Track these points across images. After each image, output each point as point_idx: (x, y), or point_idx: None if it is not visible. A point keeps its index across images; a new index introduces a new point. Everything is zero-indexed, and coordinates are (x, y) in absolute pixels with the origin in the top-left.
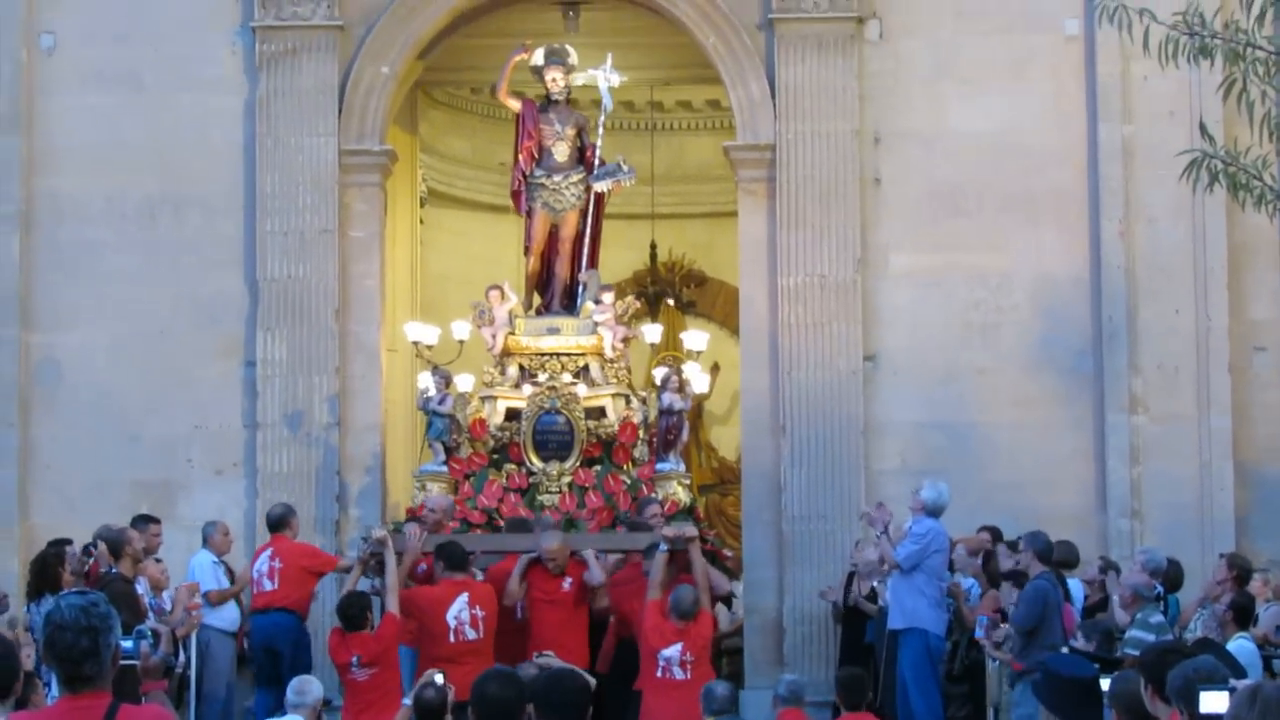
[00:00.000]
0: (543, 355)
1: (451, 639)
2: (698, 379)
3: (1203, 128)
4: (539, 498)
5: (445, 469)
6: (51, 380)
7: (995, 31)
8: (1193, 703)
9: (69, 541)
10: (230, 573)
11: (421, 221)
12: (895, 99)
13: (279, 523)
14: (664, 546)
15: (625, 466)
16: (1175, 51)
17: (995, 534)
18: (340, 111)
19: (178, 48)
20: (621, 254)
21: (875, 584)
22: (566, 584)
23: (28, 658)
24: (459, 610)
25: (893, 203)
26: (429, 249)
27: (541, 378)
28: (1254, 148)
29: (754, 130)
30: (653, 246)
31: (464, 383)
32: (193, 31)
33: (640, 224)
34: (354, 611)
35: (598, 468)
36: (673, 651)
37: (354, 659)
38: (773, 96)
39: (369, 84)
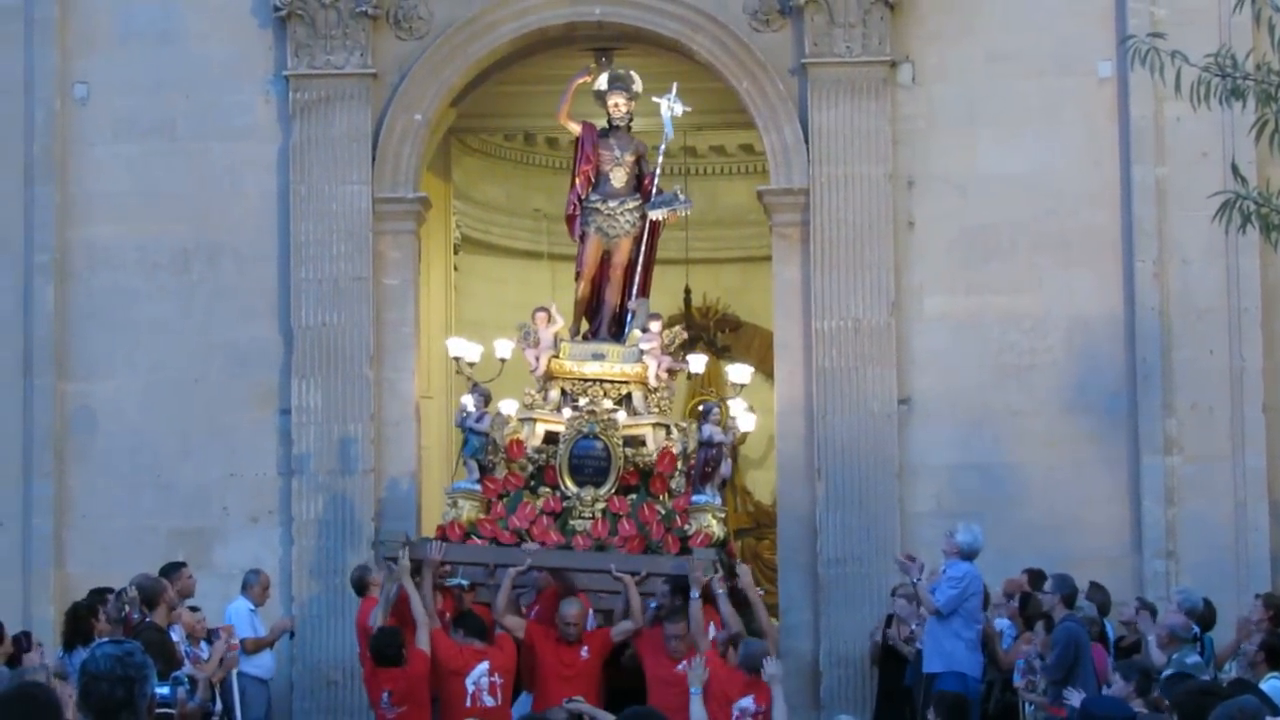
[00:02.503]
0: (585, 380)
1: (469, 703)
2: (744, 416)
3: (1235, 169)
4: (571, 523)
5: (478, 487)
6: (86, 429)
7: (1028, 74)
8: None
9: (110, 590)
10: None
11: (456, 268)
12: (928, 142)
13: (361, 587)
14: (695, 593)
15: (661, 497)
16: (1207, 93)
17: (1037, 576)
18: (374, 159)
19: (211, 97)
20: (656, 299)
21: (914, 627)
22: (584, 653)
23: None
24: (478, 677)
25: (926, 246)
26: (463, 296)
27: (582, 403)
28: None
29: (788, 175)
30: (687, 291)
31: (507, 406)
32: (226, 80)
33: (674, 269)
34: (385, 647)
35: (633, 496)
36: (748, 703)
37: (385, 695)
38: (806, 141)
39: (402, 132)
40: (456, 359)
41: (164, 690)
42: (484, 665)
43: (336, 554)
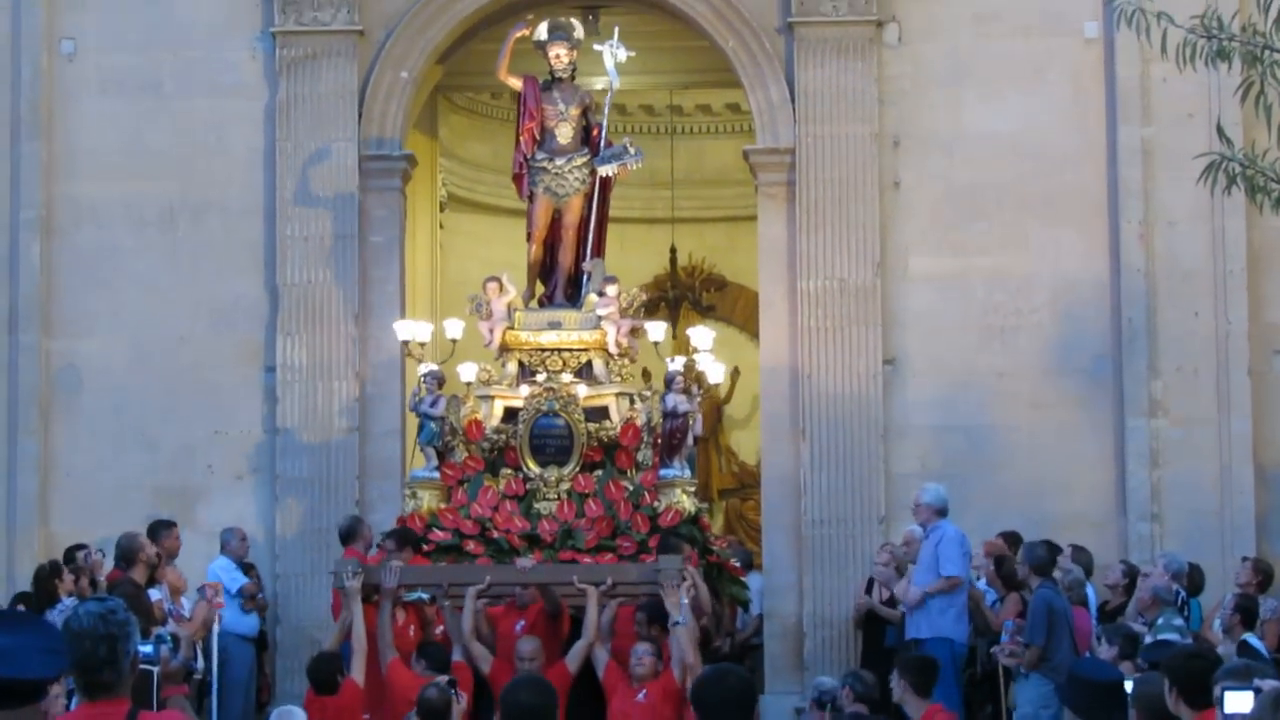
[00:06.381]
0: (543, 351)
1: None
2: (712, 368)
3: (1220, 130)
4: (535, 505)
5: (437, 475)
6: (71, 387)
7: (1014, 34)
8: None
9: (81, 547)
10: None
11: (441, 226)
12: (914, 102)
13: (346, 536)
14: (678, 619)
15: (629, 472)
16: (1193, 54)
17: (1012, 539)
18: (360, 116)
19: (198, 53)
20: (642, 258)
21: (896, 590)
22: None
23: None
24: None
25: (912, 206)
26: (449, 254)
27: (540, 377)
28: (1271, 150)
29: (774, 134)
30: (673, 251)
31: (467, 372)
32: (213, 37)
33: (660, 228)
34: (320, 675)
35: (599, 473)
36: None
37: None
38: (792, 100)
39: (389, 89)
40: (405, 342)
41: (146, 648)
42: None
43: (320, 512)
